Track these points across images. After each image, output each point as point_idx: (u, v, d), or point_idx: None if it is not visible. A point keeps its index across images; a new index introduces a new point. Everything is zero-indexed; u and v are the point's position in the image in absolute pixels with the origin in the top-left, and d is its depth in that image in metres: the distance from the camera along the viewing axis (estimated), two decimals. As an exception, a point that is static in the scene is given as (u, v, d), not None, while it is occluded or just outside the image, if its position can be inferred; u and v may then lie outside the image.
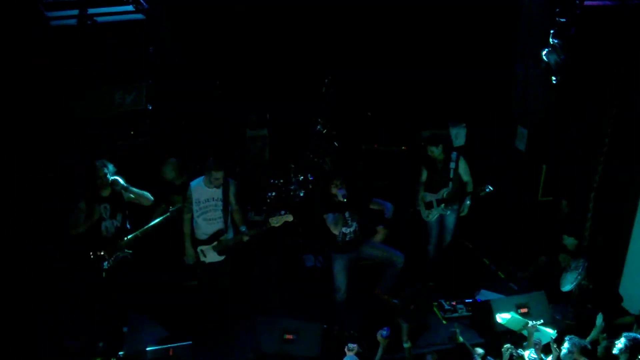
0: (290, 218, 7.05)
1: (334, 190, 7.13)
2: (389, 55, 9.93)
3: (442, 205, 8.25)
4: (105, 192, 6.92)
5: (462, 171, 8.23)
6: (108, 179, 6.82)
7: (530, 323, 6.88)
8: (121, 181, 6.86)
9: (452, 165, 8.19)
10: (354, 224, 7.31)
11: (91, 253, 6.85)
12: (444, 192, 8.22)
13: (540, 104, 8.70)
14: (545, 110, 8.61)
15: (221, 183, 7.06)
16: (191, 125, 9.43)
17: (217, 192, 7.10)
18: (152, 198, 7.12)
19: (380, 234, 8.58)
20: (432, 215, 8.37)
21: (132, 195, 6.99)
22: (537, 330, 6.86)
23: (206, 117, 9.42)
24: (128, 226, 7.10)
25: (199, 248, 7.21)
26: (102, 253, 6.87)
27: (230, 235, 7.25)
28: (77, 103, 7.82)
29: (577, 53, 7.31)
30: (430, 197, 8.31)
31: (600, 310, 7.25)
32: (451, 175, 8.19)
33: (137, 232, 7.04)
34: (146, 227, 7.06)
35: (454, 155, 8.23)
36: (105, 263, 6.89)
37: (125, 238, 6.99)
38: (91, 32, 7.41)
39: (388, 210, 7.36)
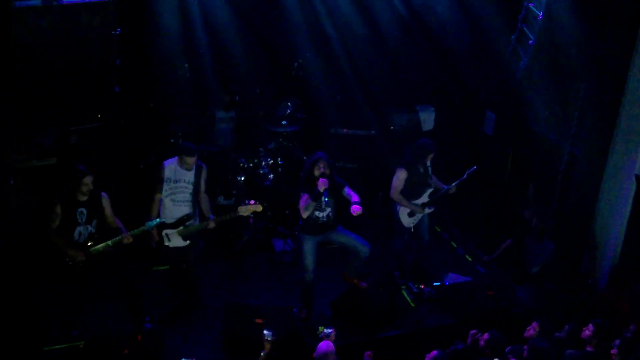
0: (259, 208, 6.99)
1: (317, 173, 6.91)
2: (357, 39, 9.94)
3: (427, 207, 7.76)
4: (83, 197, 6.66)
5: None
6: (90, 189, 6.59)
7: None
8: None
9: (429, 162, 7.71)
10: (328, 209, 7.12)
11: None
12: (427, 194, 7.77)
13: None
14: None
15: (192, 167, 6.99)
16: (159, 108, 9.28)
17: (190, 175, 7.02)
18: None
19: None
20: (416, 220, 7.88)
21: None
22: None
23: (174, 99, 9.29)
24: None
25: (164, 232, 7.09)
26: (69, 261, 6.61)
27: (197, 221, 7.18)
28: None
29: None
30: (415, 202, 7.76)
31: (564, 288, 7.36)
32: (430, 172, 7.77)
33: (109, 242, 6.73)
34: (119, 237, 6.72)
35: None
36: None
37: (96, 246, 6.69)
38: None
39: (355, 203, 6.85)
